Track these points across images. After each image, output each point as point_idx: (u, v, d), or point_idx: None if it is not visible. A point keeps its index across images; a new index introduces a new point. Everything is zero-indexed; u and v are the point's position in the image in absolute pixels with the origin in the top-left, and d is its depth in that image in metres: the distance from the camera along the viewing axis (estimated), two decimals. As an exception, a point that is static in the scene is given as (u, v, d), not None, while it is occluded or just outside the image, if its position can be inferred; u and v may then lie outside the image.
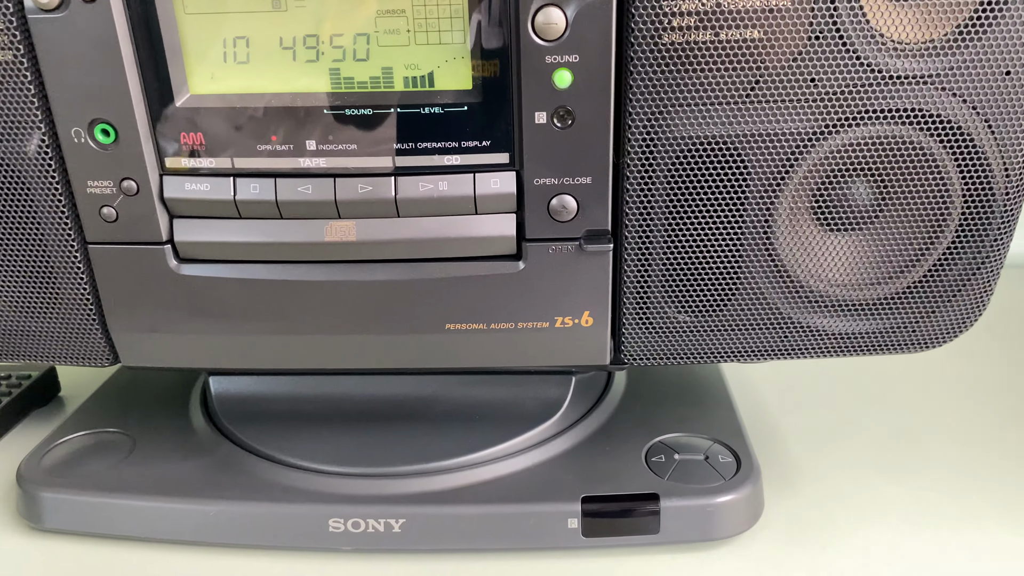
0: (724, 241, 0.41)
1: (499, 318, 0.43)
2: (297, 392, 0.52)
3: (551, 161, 0.39)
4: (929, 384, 0.62)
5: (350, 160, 0.40)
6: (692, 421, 0.52)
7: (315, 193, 0.40)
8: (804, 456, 0.53)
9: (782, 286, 0.43)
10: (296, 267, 0.42)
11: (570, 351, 0.44)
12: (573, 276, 0.42)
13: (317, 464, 0.47)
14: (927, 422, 0.57)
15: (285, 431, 0.50)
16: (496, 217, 0.41)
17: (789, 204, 0.41)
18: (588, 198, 0.40)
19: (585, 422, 0.51)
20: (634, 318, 0.43)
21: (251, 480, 0.47)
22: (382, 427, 0.50)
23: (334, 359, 0.45)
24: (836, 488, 0.49)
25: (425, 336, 0.44)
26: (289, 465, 0.48)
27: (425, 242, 0.41)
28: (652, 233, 0.41)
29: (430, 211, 0.40)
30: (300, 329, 0.44)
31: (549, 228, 0.41)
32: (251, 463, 0.49)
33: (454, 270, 0.42)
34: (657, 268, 0.42)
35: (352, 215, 0.41)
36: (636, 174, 0.40)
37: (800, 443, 0.55)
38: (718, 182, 0.40)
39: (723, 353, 0.45)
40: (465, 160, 0.40)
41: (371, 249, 0.41)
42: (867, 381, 0.62)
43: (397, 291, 0.42)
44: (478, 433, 0.48)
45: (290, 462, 0.48)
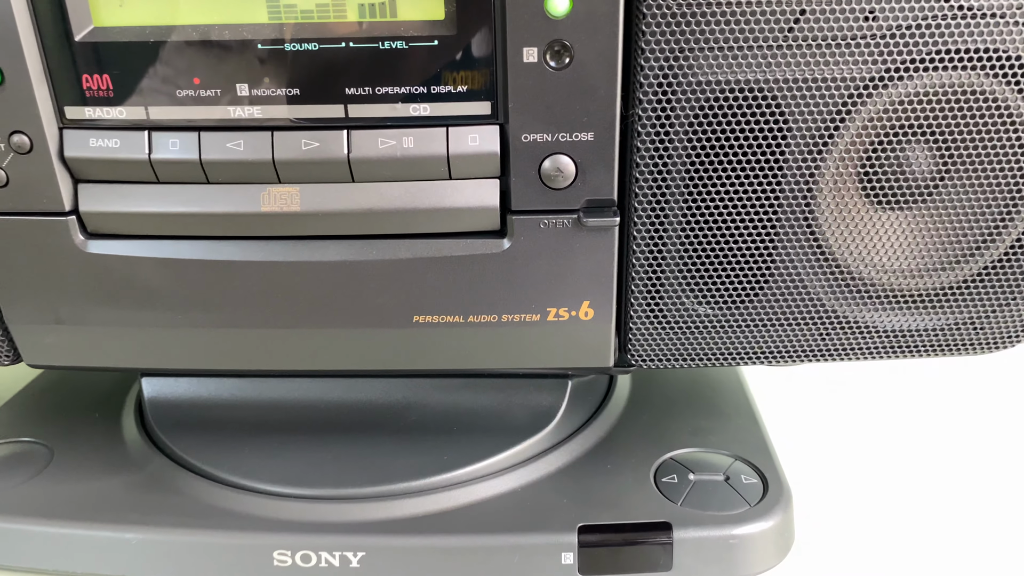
0: (756, 216, 0.37)
1: (479, 309, 0.39)
2: (243, 397, 0.48)
3: (543, 111, 0.35)
4: (994, 392, 0.58)
5: (292, 109, 0.35)
6: (709, 434, 0.48)
7: (248, 151, 0.35)
8: (843, 476, 0.49)
9: (824, 272, 0.39)
10: (228, 244, 0.38)
11: (566, 350, 0.41)
12: (570, 257, 0.38)
13: (261, 484, 0.43)
14: (990, 435, 0.53)
15: (227, 443, 0.46)
16: (475, 183, 0.36)
17: (835, 172, 0.37)
18: (589, 159, 0.36)
19: (583, 435, 0.48)
20: (644, 310, 0.40)
21: (183, 502, 0.43)
22: (341, 440, 0.46)
23: (277, 359, 0.41)
24: (880, 516, 0.46)
25: (388, 331, 0.40)
26: (229, 484, 0.43)
27: (386, 214, 0.37)
28: (668, 204, 0.37)
29: (392, 175, 0.36)
30: (234, 321, 0.40)
31: (541, 197, 0.36)
32: (185, 481, 0.44)
33: (422, 249, 0.38)
34: (673, 248, 0.38)
35: (295, 179, 0.36)
36: (649, 129, 0.35)
37: (837, 460, 0.51)
38: (750, 141, 0.35)
39: (752, 353, 0.42)
40: (436, 110, 0.35)
41: (319, 222, 0.37)
42: (918, 386, 0.59)
43: (352, 275, 0.38)
44: (455, 448, 0.45)
45: (230, 481, 0.43)
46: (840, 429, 0.55)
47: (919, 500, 0.47)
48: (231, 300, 0.39)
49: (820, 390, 0.59)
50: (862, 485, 0.49)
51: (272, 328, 0.40)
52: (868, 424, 0.55)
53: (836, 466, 0.51)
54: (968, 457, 0.52)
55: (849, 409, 0.57)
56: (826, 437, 0.54)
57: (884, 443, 0.53)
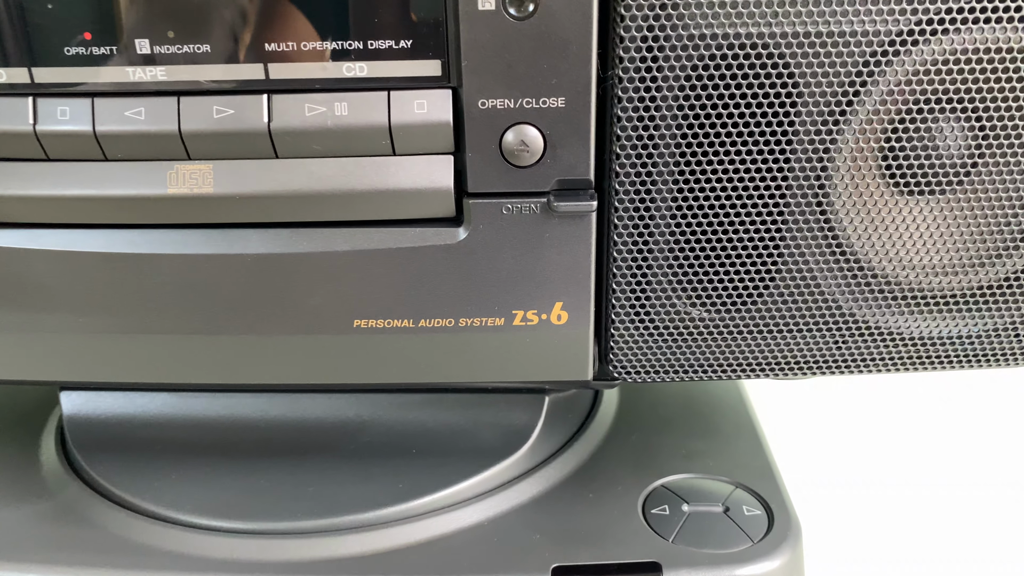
0: (760, 201, 0.34)
1: (431, 312, 0.35)
2: (174, 414, 0.46)
3: (504, 71, 0.31)
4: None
5: (201, 70, 0.32)
6: (706, 457, 0.45)
7: (151, 120, 0.32)
8: (859, 506, 0.48)
9: (840, 269, 0.36)
10: (130, 234, 0.34)
11: (536, 360, 0.37)
12: (539, 249, 0.34)
13: (187, 515, 0.40)
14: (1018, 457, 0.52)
15: (152, 467, 0.43)
16: (423, 160, 0.33)
17: (853, 150, 0.34)
18: (560, 130, 0.32)
19: (561, 458, 0.45)
20: (628, 313, 0.36)
21: (96, 536, 0.40)
22: (282, 464, 0.43)
23: (194, 371, 0.38)
24: (902, 551, 0.45)
25: (324, 338, 0.36)
26: (149, 515, 0.40)
27: (317, 197, 0.33)
28: (655, 186, 0.33)
29: (323, 149, 0.33)
30: (142, 326, 0.36)
31: (503, 177, 0.33)
32: (102, 512, 0.41)
33: (362, 240, 0.34)
34: (662, 239, 0.34)
35: (207, 154, 0.33)
36: (632, 94, 0.31)
37: (853, 487, 0.49)
38: (752, 109, 0.32)
39: (755, 365, 0.38)
40: (374, 70, 0.31)
41: (237, 207, 0.33)
42: (945, 402, 0.58)
43: (279, 271, 0.34)
44: (413, 474, 0.42)
45: (151, 511, 0.40)
46: (856, 452, 0.53)
47: (946, 535, 0.46)
48: (137, 301, 0.36)
49: (832, 406, 0.58)
50: (881, 516, 0.47)
51: (186, 335, 0.36)
52: (888, 446, 0.54)
53: (851, 494, 0.49)
54: (1005, 480, 0.50)
55: (865, 429, 0.55)
56: (840, 461, 0.52)
57: (906, 467, 0.52)
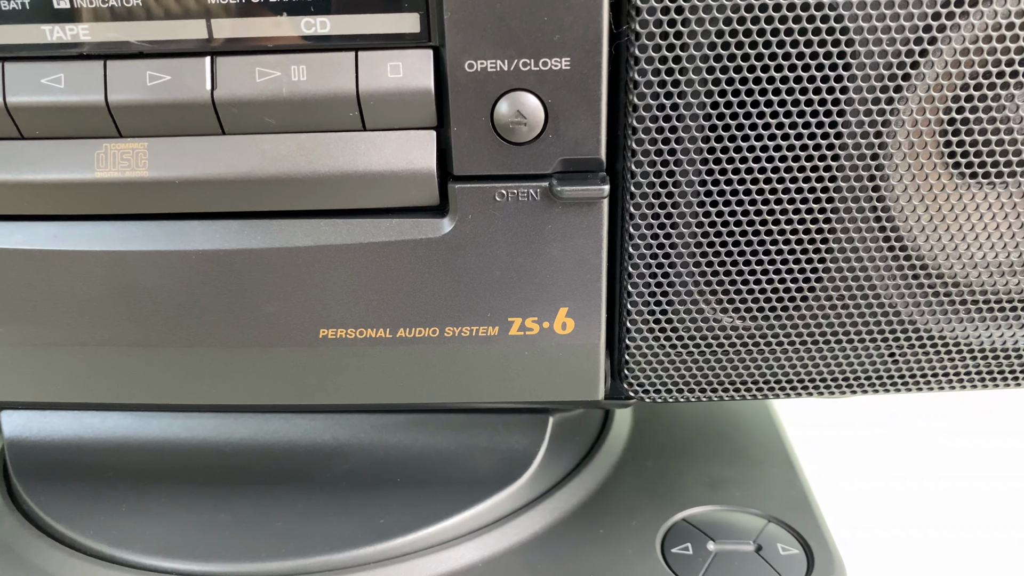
0: (805, 186, 0.29)
1: (412, 319, 0.31)
2: (129, 437, 0.42)
3: (495, 26, 0.26)
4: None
5: (132, 27, 0.27)
6: (733, 486, 0.42)
7: (72, 89, 0.28)
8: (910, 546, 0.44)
9: (899, 268, 0.32)
10: (52, 226, 0.31)
11: (537, 377, 0.33)
12: (539, 245, 0.30)
13: (139, 556, 0.37)
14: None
15: (100, 498, 0.40)
16: (399, 136, 0.29)
17: (912, 128, 0.29)
18: (564, 99, 0.27)
19: (568, 488, 0.41)
20: (646, 320, 0.32)
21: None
22: (246, 496, 0.40)
23: (135, 389, 0.33)
24: None
25: (284, 351, 0.32)
26: (96, 556, 0.37)
27: (272, 182, 0.29)
28: (680, 167, 0.29)
29: (279, 123, 0.28)
30: (68, 336, 0.32)
31: (496, 156, 0.29)
32: (39, 550, 0.38)
33: (328, 234, 0.30)
34: (687, 231, 0.30)
35: (141, 130, 0.28)
36: (652, 54, 0.27)
37: (901, 520, 0.45)
38: (798, 74, 0.27)
39: (795, 382, 0.33)
40: (339, 25, 0.27)
41: (177, 194, 0.29)
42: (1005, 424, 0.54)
43: (229, 271, 0.31)
44: (397, 508, 0.39)
45: (97, 551, 0.37)
46: (904, 477, 0.49)
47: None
48: (63, 307, 0.31)
49: (874, 423, 0.53)
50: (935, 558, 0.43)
51: (121, 347, 0.32)
52: (942, 470, 0.49)
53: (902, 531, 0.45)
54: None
55: (914, 447, 0.51)
56: (887, 489, 0.48)
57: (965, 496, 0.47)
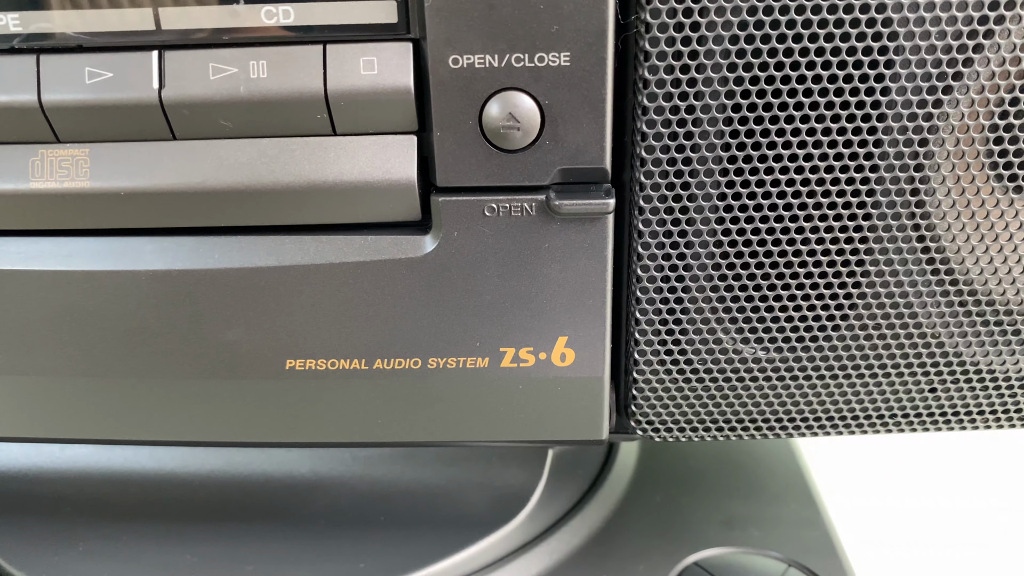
0: (839, 200, 0.26)
1: (390, 349, 0.27)
2: (90, 467, 0.40)
3: (484, 15, 0.23)
4: None
5: (68, 16, 0.24)
6: (750, 525, 0.39)
7: (2, 87, 0.24)
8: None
9: (942, 295, 0.28)
10: None
11: (532, 415, 0.29)
12: (535, 265, 0.27)
13: None
14: None
15: (58, 536, 0.38)
16: (374, 142, 0.25)
17: (957, 139, 0.26)
18: (564, 99, 0.24)
19: (568, 527, 0.38)
20: (656, 351, 0.29)
21: None
22: (219, 535, 0.37)
23: (82, 423, 0.29)
24: None
25: (245, 384, 0.29)
26: None
27: (231, 195, 0.25)
28: (695, 178, 0.25)
29: (238, 127, 0.25)
30: (5, 365, 0.28)
31: (485, 165, 0.25)
32: None
33: (293, 252, 0.26)
34: (703, 252, 0.26)
35: (80, 135, 0.25)
36: (665, 47, 0.24)
37: (934, 562, 0.42)
38: (832, 72, 0.24)
39: (822, 419, 0.30)
40: (304, 15, 0.23)
41: (123, 207, 0.26)
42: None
43: (183, 294, 0.27)
44: (379, 550, 0.36)
45: None
46: (933, 516, 0.45)
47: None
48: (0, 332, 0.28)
49: (901, 457, 0.50)
50: None
51: (64, 377, 0.29)
52: (973, 510, 0.46)
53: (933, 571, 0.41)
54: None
55: (946, 487, 0.48)
56: (914, 527, 0.44)
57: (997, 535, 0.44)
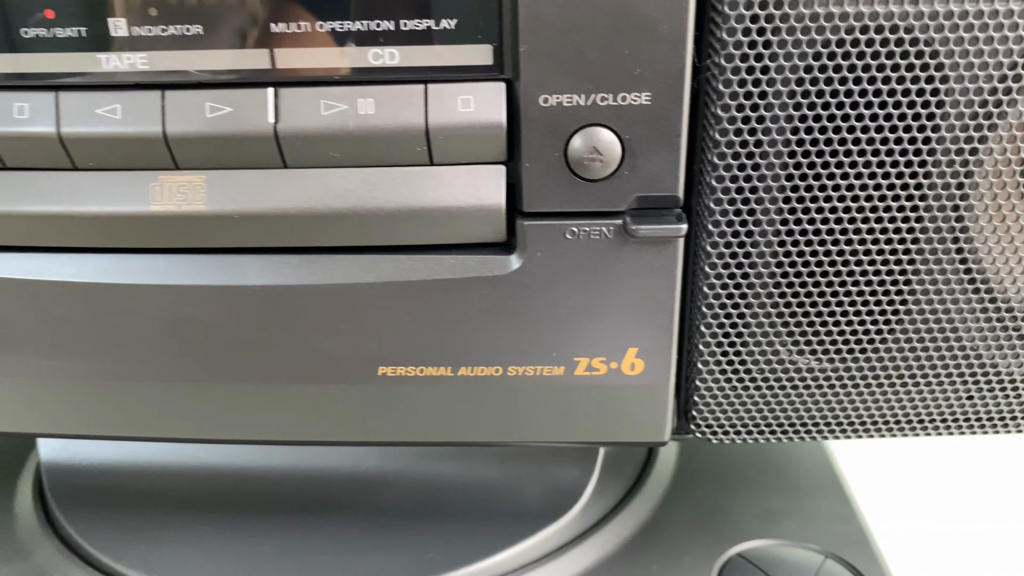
0: (889, 224, 0.27)
1: (474, 357, 0.29)
2: (168, 463, 0.41)
3: (574, 59, 0.24)
4: None
5: (192, 56, 0.25)
6: (786, 518, 0.39)
7: (129, 120, 0.26)
8: None
9: (981, 311, 0.29)
10: (104, 260, 0.28)
11: (601, 419, 0.30)
12: (610, 283, 0.27)
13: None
14: None
15: (140, 526, 0.38)
16: (468, 171, 0.26)
17: (998, 163, 0.27)
18: (643, 134, 0.25)
19: (618, 520, 0.39)
20: (719, 362, 0.29)
21: None
22: (289, 526, 0.38)
23: (183, 425, 0.31)
24: None
25: (341, 389, 0.30)
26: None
27: (334, 217, 0.27)
28: (760, 205, 0.26)
29: (343, 157, 0.26)
30: (118, 372, 0.30)
31: (568, 192, 0.26)
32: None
33: (390, 270, 0.28)
34: (766, 271, 0.27)
35: (199, 163, 0.26)
36: (737, 89, 0.24)
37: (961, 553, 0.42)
38: (888, 110, 0.25)
39: (867, 423, 0.31)
40: (408, 57, 0.25)
41: (235, 228, 0.27)
42: None
43: (286, 307, 0.28)
44: (445, 541, 0.36)
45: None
46: (961, 507, 0.45)
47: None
48: (112, 341, 0.29)
49: (928, 455, 0.50)
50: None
51: (171, 383, 0.30)
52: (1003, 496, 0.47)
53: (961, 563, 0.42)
54: None
55: (973, 478, 0.48)
56: (941, 521, 0.44)
57: None
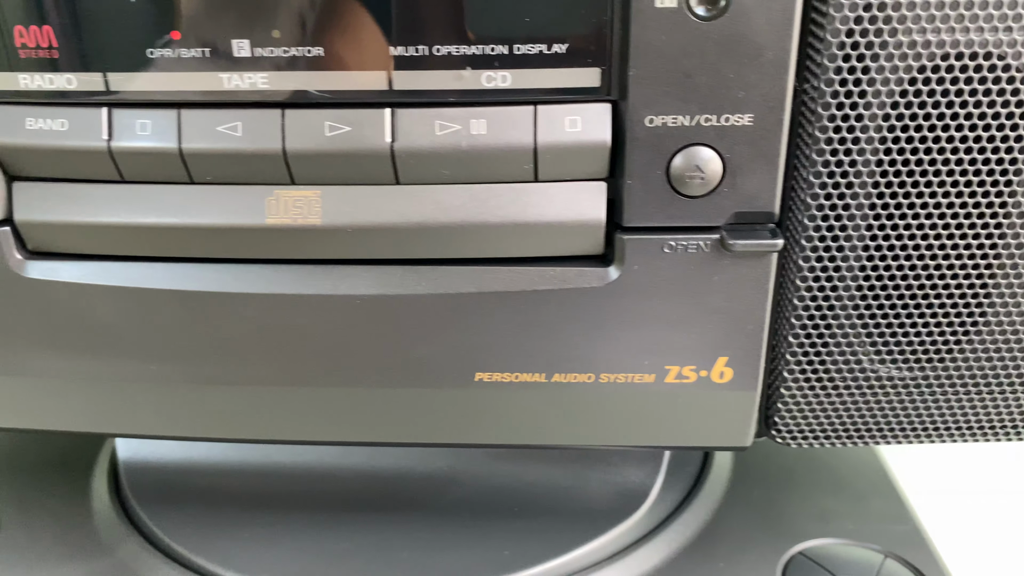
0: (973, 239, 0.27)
1: (569, 365, 0.29)
2: (245, 461, 0.41)
3: (681, 82, 0.24)
4: None
5: (312, 77, 0.26)
6: (843, 518, 0.39)
7: (249, 137, 0.26)
8: None
9: None
10: (218, 270, 0.29)
11: (687, 425, 0.30)
12: (704, 295, 0.28)
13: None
14: None
15: (221, 523, 0.39)
16: (571, 187, 0.27)
17: None
18: (743, 153, 0.25)
19: (681, 520, 0.38)
20: (804, 370, 0.29)
21: None
22: (364, 523, 0.38)
23: (285, 427, 0.32)
24: None
25: (439, 393, 0.30)
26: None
27: (442, 231, 0.27)
28: (852, 221, 0.27)
29: (453, 174, 0.26)
30: (225, 377, 0.30)
31: (667, 208, 0.26)
32: (165, 573, 0.37)
33: (492, 281, 0.28)
34: (853, 283, 0.28)
35: (315, 178, 0.27)
36: (835, 110, 0.25)
37: None
38: (978, 132, 0.25)
39: (940, 428, 0.31)
40: (520, 79, 0.25)
41: (347, 241, 0.28)
42: None
43: (391, 315, 0.29)
44: (519, 539, 0.36)
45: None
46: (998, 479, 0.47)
47: None
48: (221, 347, 0.30)
49: (976, 457, 0.51)
50: None
51: (277, 386, 0.30)
52: None
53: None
54: None
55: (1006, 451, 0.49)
56: (996, 524, 0.45)
57: None
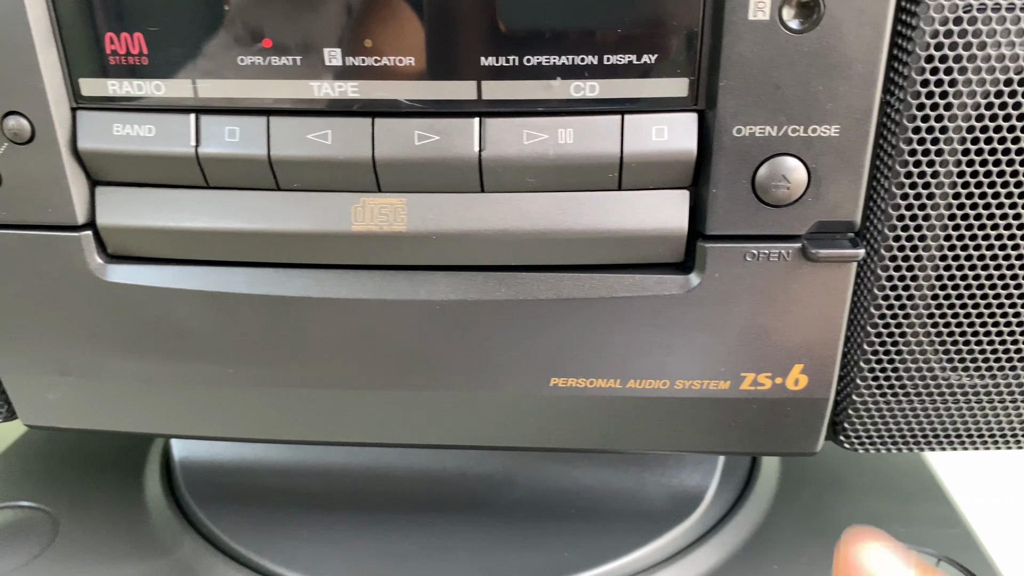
0: None
1: (645, 371, 0.29)
2: (301, 460, 0.41)
3: (770, 94, 0.25)
4: None
5: (402, 86, 0.26)
6: (893, 521, 0.39)
7: (338, 145, 0.26)
8: None
9: None
10: (301, 276, 0.29)
11: (758, 431, 0.30)
12: (783, 303, 0.27)
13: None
14: None
15: (279, 523, 0.39)
16: (655, 196, 0.27)
17: None
18: (829, 163, 0.25)
19: (734, 523, 0.39)
20: (876, 378, 0.29)
21: None
22: (425, 523, 0.38)
23: (359, 430, 0.32)
24: None
25: (515, 398, 0.30)
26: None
27: (525, 238, 0.27)
28: (932, 231, 0.26)
29: (538, 182, 0.26)
30: (302, 380, 0.30)
31: (750, 217, 0.26)
32: (226, 573, 0.37)
33: (572, 288, 0.28)
34: (930, 292, 0.27)
35: (402, 186, 0.27)
36: (920, 123, 0.25)
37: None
38: None
39: (1007, 434, 0.31)
40: (608, 89, 0.25)
41: (431, 247, 0.28)
42: None
43: (471, 320, 0.29)
44: (577, 540, 0.36)
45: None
46: None
47: None
48: (299, 351, 0.30)
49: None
50: None
51: (355, 390, 0.30)
52: None
53: None
54: None
55: None
56: None
57: None
